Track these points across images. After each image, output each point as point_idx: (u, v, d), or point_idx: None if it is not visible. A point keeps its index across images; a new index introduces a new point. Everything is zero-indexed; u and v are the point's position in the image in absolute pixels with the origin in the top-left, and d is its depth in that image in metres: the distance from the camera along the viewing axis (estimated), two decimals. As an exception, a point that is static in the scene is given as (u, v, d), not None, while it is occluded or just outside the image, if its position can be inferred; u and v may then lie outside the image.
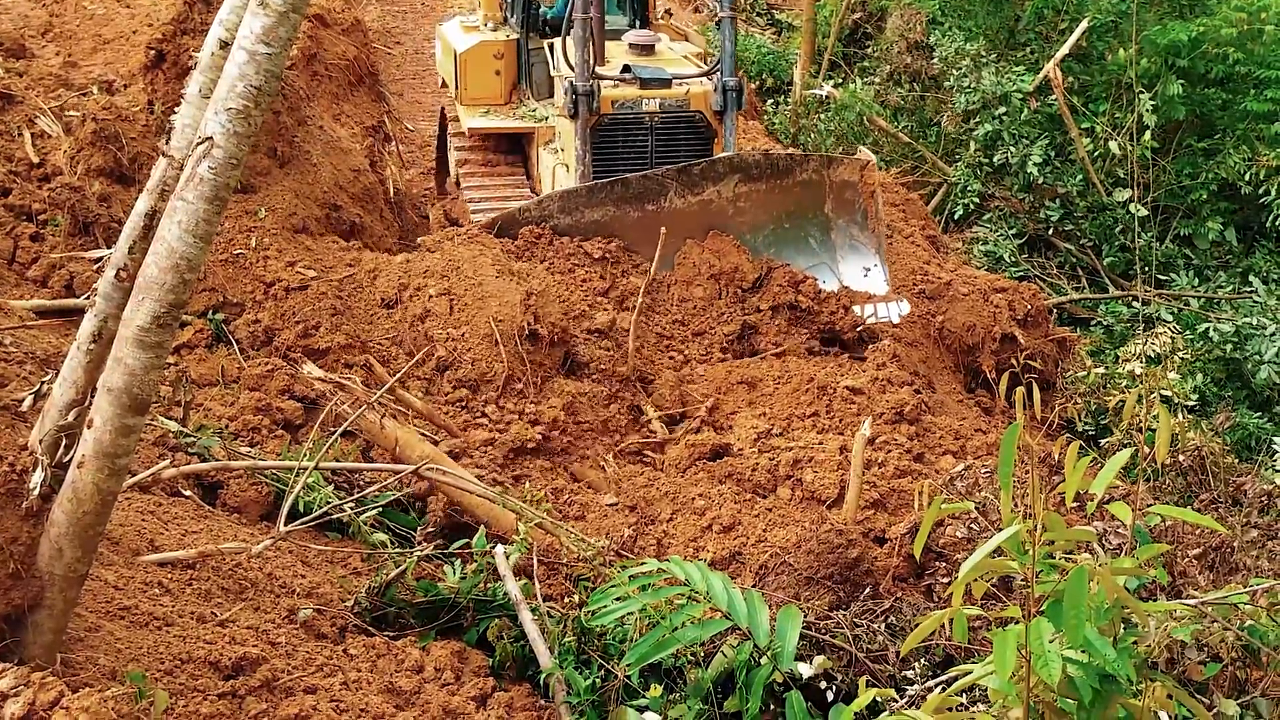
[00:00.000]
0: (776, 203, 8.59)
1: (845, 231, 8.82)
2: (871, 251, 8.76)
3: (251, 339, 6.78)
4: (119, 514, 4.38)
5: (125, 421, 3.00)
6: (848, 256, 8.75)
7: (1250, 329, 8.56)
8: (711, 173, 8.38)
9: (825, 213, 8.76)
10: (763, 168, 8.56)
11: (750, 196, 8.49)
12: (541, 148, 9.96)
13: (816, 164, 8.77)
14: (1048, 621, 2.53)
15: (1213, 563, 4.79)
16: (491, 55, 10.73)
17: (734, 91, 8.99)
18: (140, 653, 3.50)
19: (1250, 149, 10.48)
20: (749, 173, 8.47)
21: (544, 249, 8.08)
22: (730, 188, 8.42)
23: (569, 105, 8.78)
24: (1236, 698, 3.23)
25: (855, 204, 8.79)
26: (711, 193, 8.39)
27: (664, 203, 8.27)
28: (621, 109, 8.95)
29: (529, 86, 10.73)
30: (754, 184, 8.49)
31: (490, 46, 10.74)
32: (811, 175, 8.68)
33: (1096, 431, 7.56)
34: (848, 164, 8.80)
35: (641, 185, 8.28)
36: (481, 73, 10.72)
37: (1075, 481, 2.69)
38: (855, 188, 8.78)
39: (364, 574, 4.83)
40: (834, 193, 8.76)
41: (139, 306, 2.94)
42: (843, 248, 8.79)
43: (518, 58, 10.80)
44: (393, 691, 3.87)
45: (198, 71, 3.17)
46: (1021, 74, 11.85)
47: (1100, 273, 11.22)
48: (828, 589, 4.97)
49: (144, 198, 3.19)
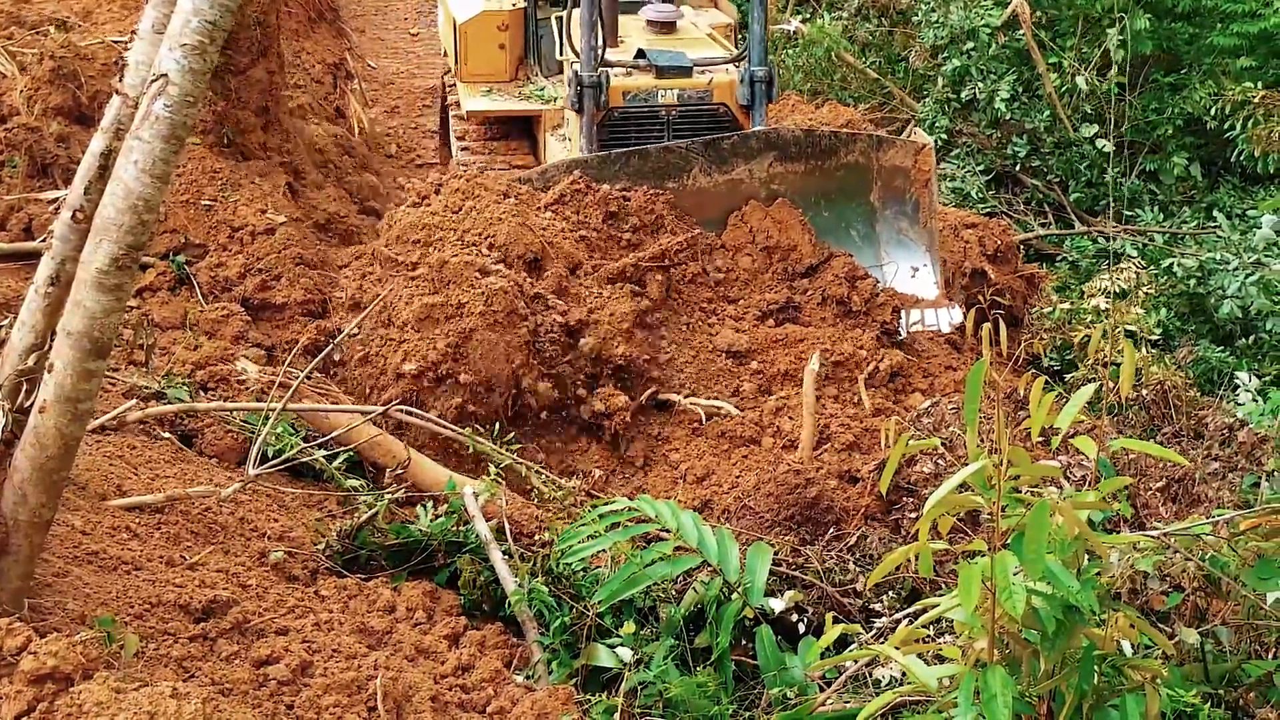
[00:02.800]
0: (816, 187, 7.58)
1: (892, 224, 7.79)
2: (922, 249, 7.75)
3: (212, 284, 6.68)
4: (86, 458, 4.34)
5: (86, 366, 2.97)
6: (893, 252, 7.74)
7: (1214, 264, 8.62)
8: (744, 148, 7.41)
9: (871, 201, 7.74)
10: (802, 146, 7.54)
11: (786, 178, 7.49)
12: (549, 133, 8.83)
13: (864, 145, 7.75)
14: (1012, 554, 2.56)
15: (1175, 495, 4.87)
16: (495, 26, 9.44)
17: (763, 83, 7.90)
18: (109, 597, 3.49)
19: (1216, 84, 10.48)
20: (786, 151, 7.47)
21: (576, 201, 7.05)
22: (764, 167, 7.44)
23: (573, 98, 7.76)
24: (1197, 626, 3.29)
25: (906, 193, 7.73)
26: (742, 171, 7.42)
27: (686, 180, 7.32)
28: (633, 101, 7.84)
29: (537, 62, 9.48)
30: (791, 164, 7.49)
31: (494, 17, 9.46)
32: (858, 158, 7.67)
33: (1062, 367, 7.64)
34: (900, 147, 7.79)
35: (662, 158, 7.31)
36: (484, 46, 9.41)
37: (1040, 417, 2.71)
38: (907, 174, 7.73)
39: (337, 518, 4.83)
40: (882, 179, 7.72)
41: (97, 249, 2.89)
42: (889, 243, 7.77)
43: (525, 29, 9.56)
44: (365, 632, 3.88)
45: (150, 7, 3.09)
46: (989, 8, 11.78)
47: (1067, 208, 11.26)
48: (790, 529, 5.00)
49: (98, 137, 3.12)
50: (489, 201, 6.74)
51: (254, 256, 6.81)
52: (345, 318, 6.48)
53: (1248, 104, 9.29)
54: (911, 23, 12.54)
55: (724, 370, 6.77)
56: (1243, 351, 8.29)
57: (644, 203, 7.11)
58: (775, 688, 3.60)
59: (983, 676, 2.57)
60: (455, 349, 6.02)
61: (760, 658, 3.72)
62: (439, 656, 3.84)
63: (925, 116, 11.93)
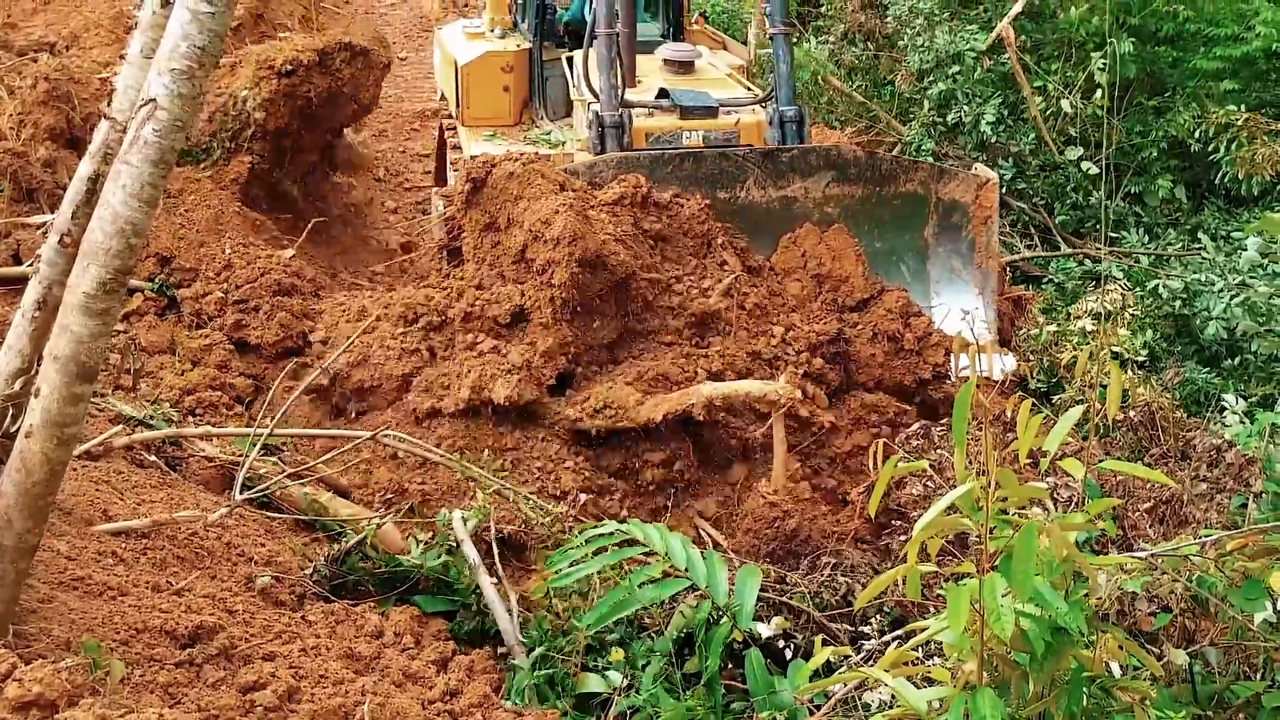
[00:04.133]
0: (871, 214, 7.27)
1: (945, 263, 7.48)
2: (974, 291, 7.43)
3: (196, 314, 6.66)
4: (72, 483, 4.32)
5: (73, 390, 2.96)
6: (944, 293, 7.41)
7: (1199, 285, 8.65)
8: (802, 164, 7.10)
9: (925, 237, 7.45)
10: (862, 168, 7.24)
11: (842, 201, 7.19)
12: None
13: (925, 175, 7.43)
14: (1001, 577, 2.56)
15: (1163, 516, 4.88)
16: (499, 68, 9.11)
17: (794, 123, 7.58)
18: (95, 623, 3.47)
19: (1200, 107, 10.56)
20: (845, 172, 7.17)
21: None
22: (820, 187, 7.13)
23: (593, 139, 7.36)
24: (1186, 647, 3.30)
25: (963, 230, 7.43)
26: (798, 188, 7.11)
27: (740, 191, 6.99)
28: (657, 143, 7.44)
29: (542, 105, 9.17)
30: (849, 186, 7.19)
31: (497, 58, 9.14)
32: (917, 187, 7.34)
33: (1049, 388, 7.64)
34: (962, 180, 7.45)
35: (717, 165, 6.96)
36: (487, 88, 9.06)
37: (1028, 439, 2.72)
38: (965, 211, 7.41)
39: (323, 542, 4.81)
40: (938, 214, 7.42)
41: (84, 272, 2.89)
42: (940, 281, 7.46)
43: (530, 70, 9.26)
44: (352, 657, 3.86)
45: (139, 31, 3.10)
46: (975, 33, 11.86)
47: (1052, 230, 11.30)
48: (772, 563, 5.00)
49: (86, 162, 3.13)
50: (544, 190, 6.34)
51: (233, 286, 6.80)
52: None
53: (1231, 127, 9.36)
54: (897, 47, 12.61)
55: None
56: (1229, 373, 8.32)
57: (696, 212, 6.79)
58: (765, 711, 3.59)
59: (972, 699, 2.57)
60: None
61: (749, 681, 3.71)
62: (427, 681, 3.82)
63: (912, 140, 11.99)
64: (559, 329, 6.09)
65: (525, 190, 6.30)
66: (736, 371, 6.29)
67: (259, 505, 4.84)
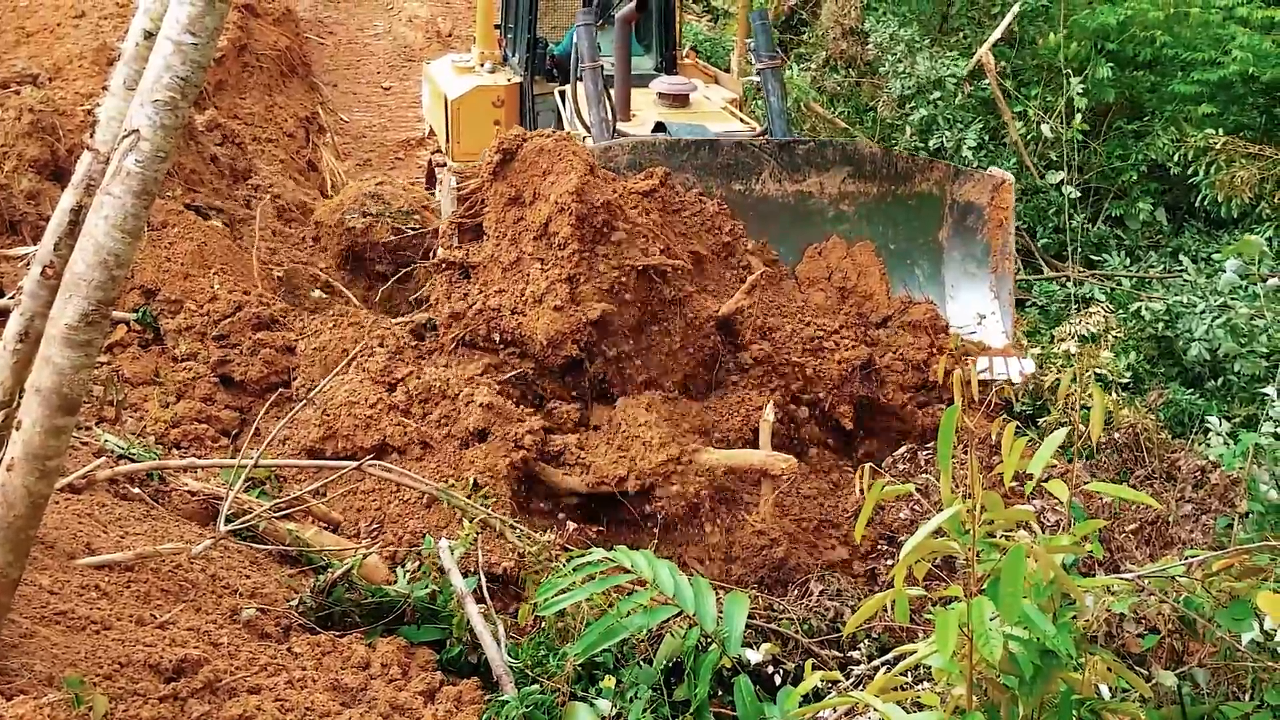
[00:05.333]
0: (886, 214, 7.16)
1: (960, 267, 7.36)
2: (990, 294, 7.31)
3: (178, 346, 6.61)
4: (54, 516, 4.29)
5: (55, 422, 2.94)
6: (959, 296, 7.30)
7: (1181, 307, 8.71)
8: (818, 158, 6.97)
9: (939, 239, 7.33)
10: (878, 165, 7.12)
11: (857, 199, 7.06)
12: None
13: (940, 175, 7.29)
14: (989, 600, 2.56)
15: (1149, 537, 4.89)
16: (490, 103, 9.09)
17: None
18: (78, 657, 3.44)
19: (1178, 130, 10.66)
20: (861, 168, 7.05)
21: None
22: (836, 183, 7.00)
23: None
24: (1174, 669, 3.29)
25: (978, 232, 7.31)
26: (813, 183, 6.97)
27: (755, 183, 6.83)
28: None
29: None
30: (864, 183, 7.07)
31: (488, 93, 9.13)
32: (932, 188, 7.22)
33: (1033, 411, 7.67)
34: (978, 180, 7.32)
35: (732, 155, 6.80)
36: (478, 124, 8.99)
37: (1013, 461, 2.72)
38: (981, 213, 7.28)
39: (309, 574, 4.78)
40: (954, 215, 7.30)
41: (67, 304, 2.88)
42: (955, 284, 7.33)
43: (520, 105, 9.19)
44: (339, 689, 3.83)
45: (122, 63, 3.11)
46: (955, 59, 11.96)
47: (1035, 254, 11.37)
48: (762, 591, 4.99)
49: (69, 193, 3.12)
50: (574, 166, 6.08)
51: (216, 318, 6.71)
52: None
53: (1209, 150, 9.45)
54: (879, 73, 12.71)
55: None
56: (1212, 394, 8.36)
57: (718, 210, 6.63)
58: (754, 738, 3.58)
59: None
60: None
61: (739, 708, 3.70)
62: (414, 713, 3.79)
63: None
64: (570, 312, 5.84)
65: (555, 164, 6.11)
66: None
67: (245, 537, 4.81)
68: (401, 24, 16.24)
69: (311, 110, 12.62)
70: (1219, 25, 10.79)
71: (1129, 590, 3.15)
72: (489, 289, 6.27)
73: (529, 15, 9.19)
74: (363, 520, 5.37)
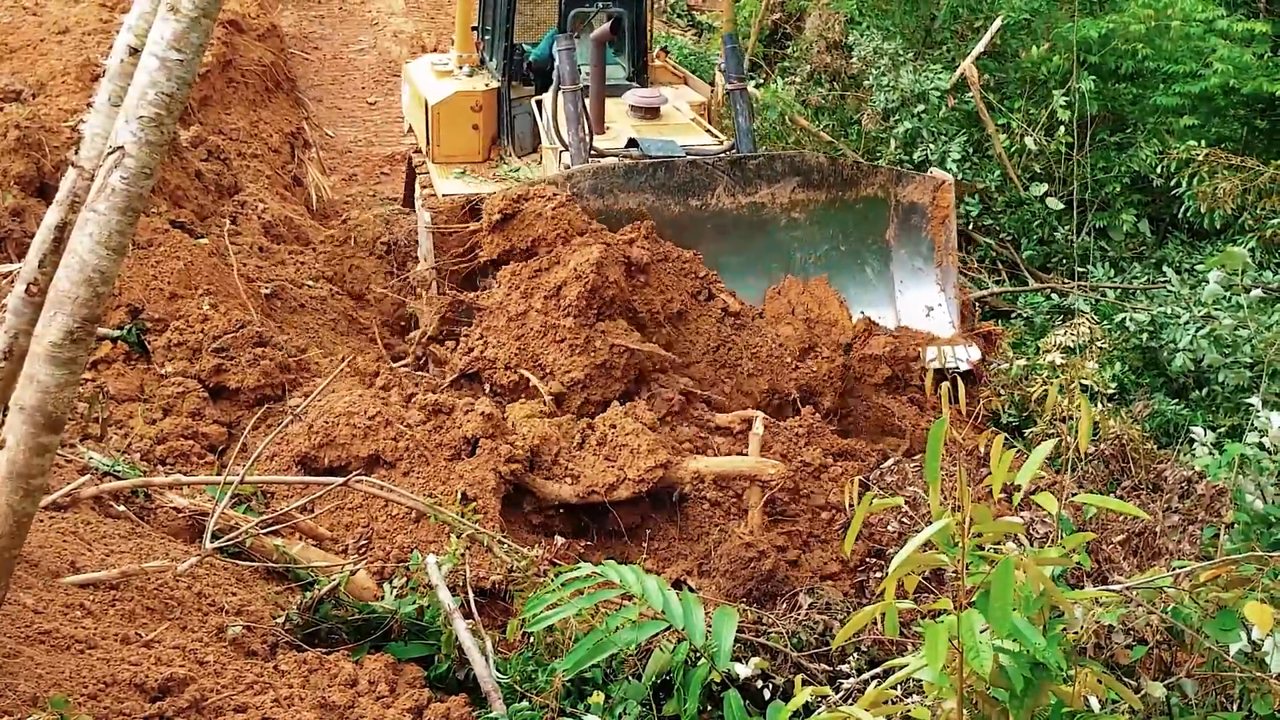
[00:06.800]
0: (835, 219, 7.63)
1: (907, 264, 7.85)
2: (936, 288, 7.86)
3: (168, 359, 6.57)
4: (38, 535, 4.26)
5: (39, 440, 2.92)
6: (907, 291, 7.81)
7: (1165, 318, 8.74)
8: (768, 170, 7.43)
9: (886, 239, 7.81)
10: (825, 174, 7.60)
11: (807, 207, 7.53)
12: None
13: (884, 179, 7.81)
14: (978, 613, 2.56)
15: (1136, 548, 4.90)
16: (469, 107, 9.36)
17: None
18: (62, 677, 3.41)
19: (1161, 142, 10.72)
20: (809, 178, 7.52)
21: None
22: (786, 192, 7.46)
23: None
24: (1163, 680, 3.29)
25: (922, 231, 7.82)
26: (765, 194, 7.43)
27: (710, 199, 7.29)
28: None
29: (510, 142, 9.43)
30: (813, 191, 7.54)
31: (467, 97, 9.39)
32: (877, 191, 7.73)
33: (1020, 423, 7.69)
34: (919, 182, 7.85)
35: (688, 173, 7.25)
36: (457, 127, 9.33)
37: (1001, 474, 2.72)
38: (924, 212, 7.80)
39: (296, 590, 4.75)
40: (899, 216, 7.80)
41: (51, 321, 2.86)
42: (903, 280, 7.83)
43: (498, 109, 9.52)
44: (326, 707, 3.80)
45: (106, 79, 3.10)
46: (939, 72, 12.02)
47: (1020, 266, 11.41)
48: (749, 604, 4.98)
49: (53, 210, 3.11)
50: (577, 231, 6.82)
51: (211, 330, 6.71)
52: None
53: (1192, 162, 9.50)
54: (863, 87, 12.75)
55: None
56: (1197, 404, 8.39)
57: (694, 255, 7.11)
58: (744, 753, 3.56)
59: (952, 737, 2.56)
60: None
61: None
62: (402, 730, 3.77)
63: (879, 178, 12.10)
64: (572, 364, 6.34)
65: (558, 229, 6.81)
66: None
67: (231, 553, 4.78)
68: (387, 39, 16.24)
69: (297, 125, 12.60)
70: (1200, 38, 10.87)
71: (1117, 602, 3.15)
72: (489, 334, 6.59)
73: (506, 23, 9.46)
74: (350, 536, 5.35)
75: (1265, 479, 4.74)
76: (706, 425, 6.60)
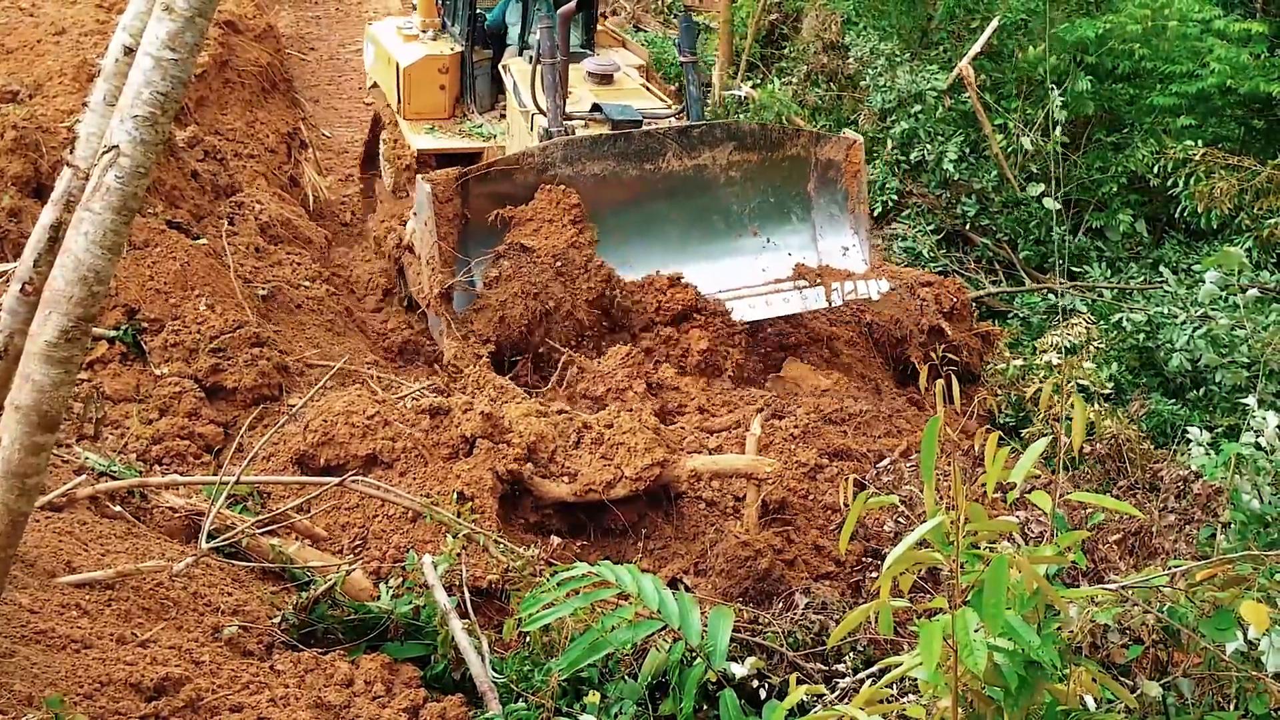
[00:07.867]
0: (765, 175, 8.62)
1: (825, 210, 8.89)
2: (850, 232, 8.86)
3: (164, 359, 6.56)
4: (34, 535, 4.25)
5: (34, 439, 2.92)
6: (827, 235, 8.83)
7: (1162, 318, 8.76)
8: (709, 137, 8.39)
9: (808, 190, 8.83)
10: (756, 138, 8.58)
11: (742, 166, 8.49)
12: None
13: (805, 140, 8.83)
14: (973, 611, 2.56)
15: (1132, 547, 4.90)
16: (436, 69, 10.53)
17: None
18: (58, 677, 3.41)
19: (1158, 142, 10.73)
20: (743, 142, 8.49)
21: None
22: (725, 155, 8.43)
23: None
24: (1159, 679, 3.30)
25: (837, 183, 8.84)
26: (707, 158, 8.37)
27: (661, 163, 8.22)
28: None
29: (472, 100, 10.59)
30: (746, 153, 8.50)
31: (435, 61, 10.54)
32: (800, 151, 8.72)
33: (1017, 422, 7.69)
34: (834, 142, 8.85)
35: (643, 142, 8.22)
36: (426, 88, 10.53)
37: (995, 472, 2.73)
38: (839, 167, 8.82)
39: (292, 591, 4.75)
40: (818, 170, 8.80)
41: (46, 321, 2.86)
42: (822, 225, 8.87)
43: (461, 71, 10.65)
44: (322, 706, 3.80)
45: (101, 79, 3.10)
46: (935, 72, 12.03)
47: (1016, 266, 11.42)
48: (745, 603, 4.98)
49: (48, 209, 3.11)
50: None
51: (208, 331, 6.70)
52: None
53: (1189, 161, 9.51)
54: (860, 87, 12.76)
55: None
56: (1193, 403, 8.40)
57: (668, 284, 7.95)
58: (740, 752, 3.56)
59: (947, 735, 2.56)
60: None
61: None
62: (398, 730, 3.77)
63: (876, 178, 12.11)
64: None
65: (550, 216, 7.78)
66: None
67: (227, 553, 4.77)
68: (384, 39, 16.22)
69: (293, 126, 12.58)
70: (1196, 38, 10.89)
71: (1113, 601, 3.15)
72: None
73: None
74: (347, 536, 5.34)
75: (1261, 478, 4.74)
76: (704, 426, 6.61)
